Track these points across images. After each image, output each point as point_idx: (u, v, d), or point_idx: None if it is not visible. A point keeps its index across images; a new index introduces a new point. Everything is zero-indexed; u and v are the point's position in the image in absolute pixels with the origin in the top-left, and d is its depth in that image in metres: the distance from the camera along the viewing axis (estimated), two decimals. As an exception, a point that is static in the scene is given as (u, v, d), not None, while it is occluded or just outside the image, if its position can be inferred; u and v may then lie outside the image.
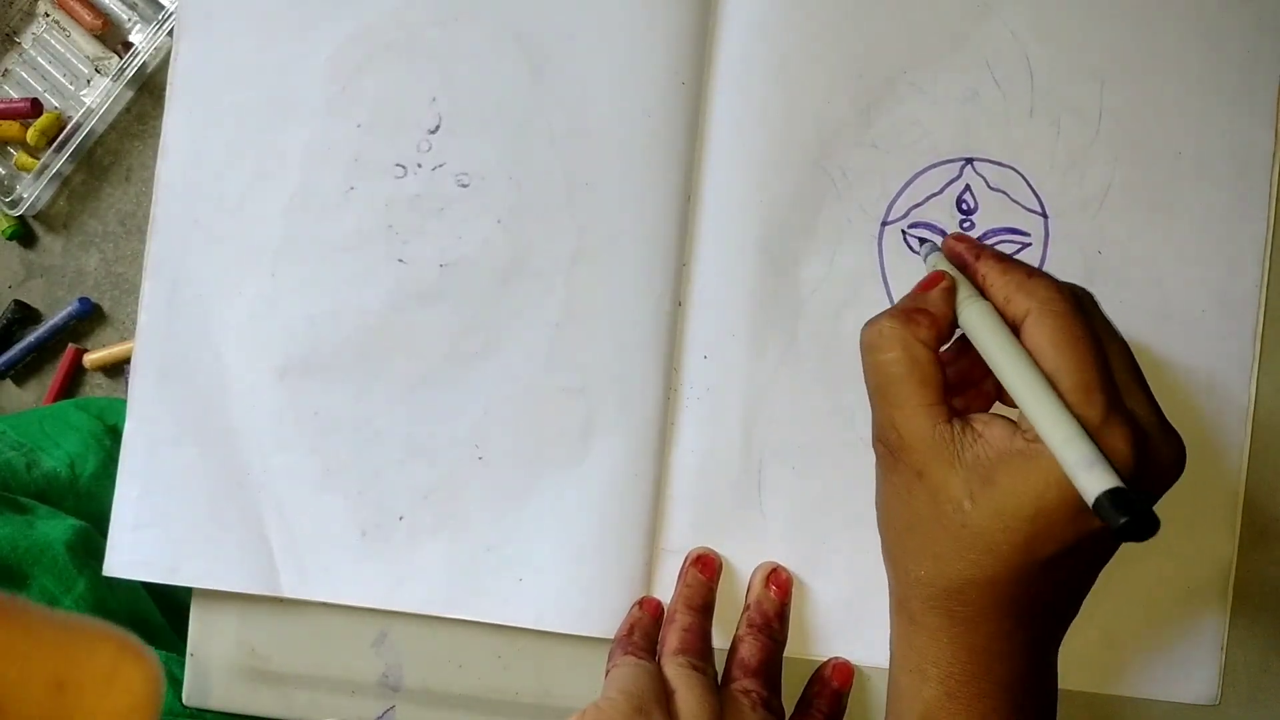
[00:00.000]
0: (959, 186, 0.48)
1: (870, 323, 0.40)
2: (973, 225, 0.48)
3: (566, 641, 0.50)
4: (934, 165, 0.48)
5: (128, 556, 0.50)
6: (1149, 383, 0.38)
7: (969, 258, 0.41)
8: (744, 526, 0.49)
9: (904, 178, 0.49)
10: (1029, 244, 0.48)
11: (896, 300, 0.48)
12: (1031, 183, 0.48)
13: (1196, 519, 0.49)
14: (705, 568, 0.48)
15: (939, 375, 0.39)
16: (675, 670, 0.44)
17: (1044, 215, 0.48)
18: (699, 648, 0.46)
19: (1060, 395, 0.36)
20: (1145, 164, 0.48)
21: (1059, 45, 0.48)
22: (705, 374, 0.49)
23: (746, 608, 0.48)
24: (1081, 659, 0.48)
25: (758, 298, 0.49)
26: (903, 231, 0.49)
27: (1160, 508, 0.34)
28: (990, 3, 0.48)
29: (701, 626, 0.47)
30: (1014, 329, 0.38)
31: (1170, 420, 0.38)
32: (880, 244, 0.49)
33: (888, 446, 0.40)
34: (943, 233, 0.48)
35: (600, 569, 0.49)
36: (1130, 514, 0.32)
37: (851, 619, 0.49)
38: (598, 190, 0.49)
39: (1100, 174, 0.48)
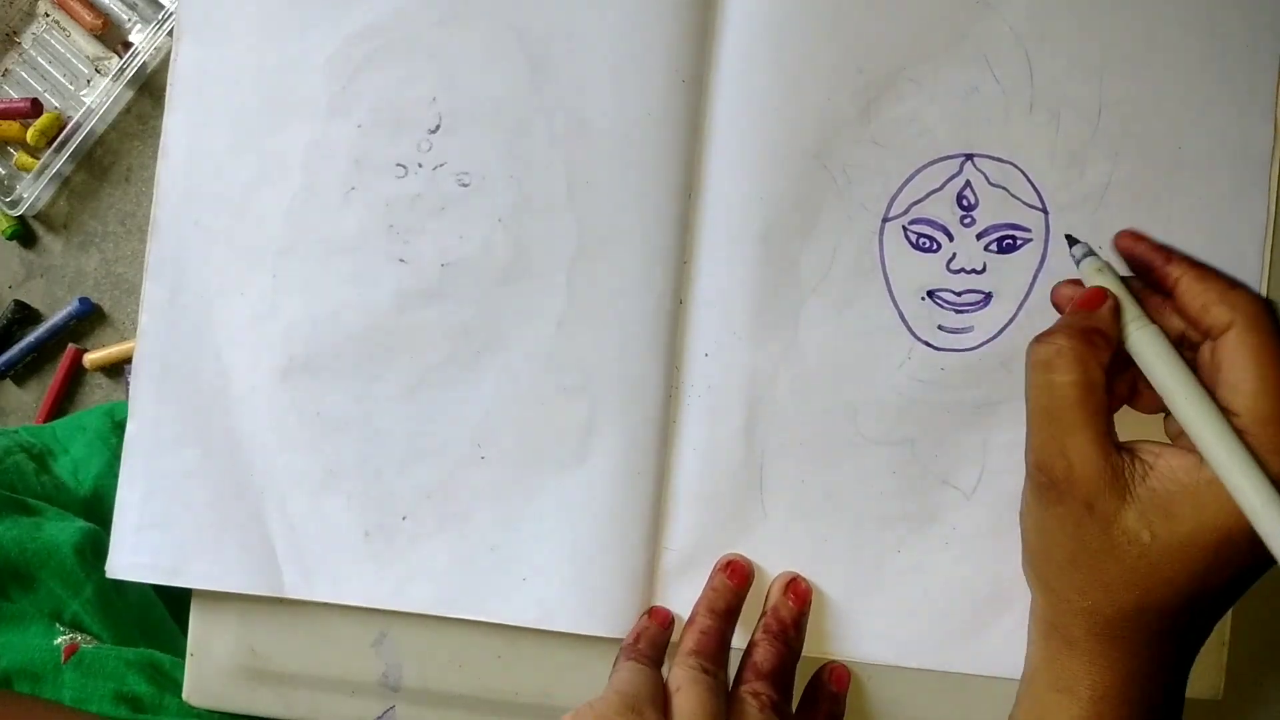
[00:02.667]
0: (959, 182, 0.48)
1: (1043, 338, 0.39)
2: (974, 221, 0.48)
3: (567, 642, 0.50)
4: (934, 161, 0.48)
5: (130, 558, 0.50)
6: None
7: (1157, 260, 0.39)
8: (746, 524, 0.49)
9: (904, 174, 0.48)
10: (1030, 239, 0.48)
11: (897, 294, 0.48)
12: (1032, 178, 0.48)
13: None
14: (734, 574, 0.48)
15: (1108, 404, 0.38)
16: (684, 671, 0.44)
17: (1044, 211, 0.48)
18: (713, 652, 0.45)
19: (1247, 425, 0.35)
20: (1145, 159, 0.48)
21: (1058, 41, 0.48)
22: (707, 372, 0.49)
23: (763, 614, 0.48)
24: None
25: (759, 295, 0.49)
26: (903, 227, 0.48)
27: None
28: (990, -1, 0.48)
29: (720, 631, 0.47)
30: (1201, 338, 0.37)
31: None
32: (881, 240, 0.49)
33: (1050, 476, 0.38)
34: (945, 230, 0.48)
35: (603, 568, 0.49)
36: None
37: (852, 617, 0.49)
38: (599, 189, 0.49)
39: (1100, 169, 0.48)
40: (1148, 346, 0.38)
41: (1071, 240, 0.44)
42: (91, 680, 0.55)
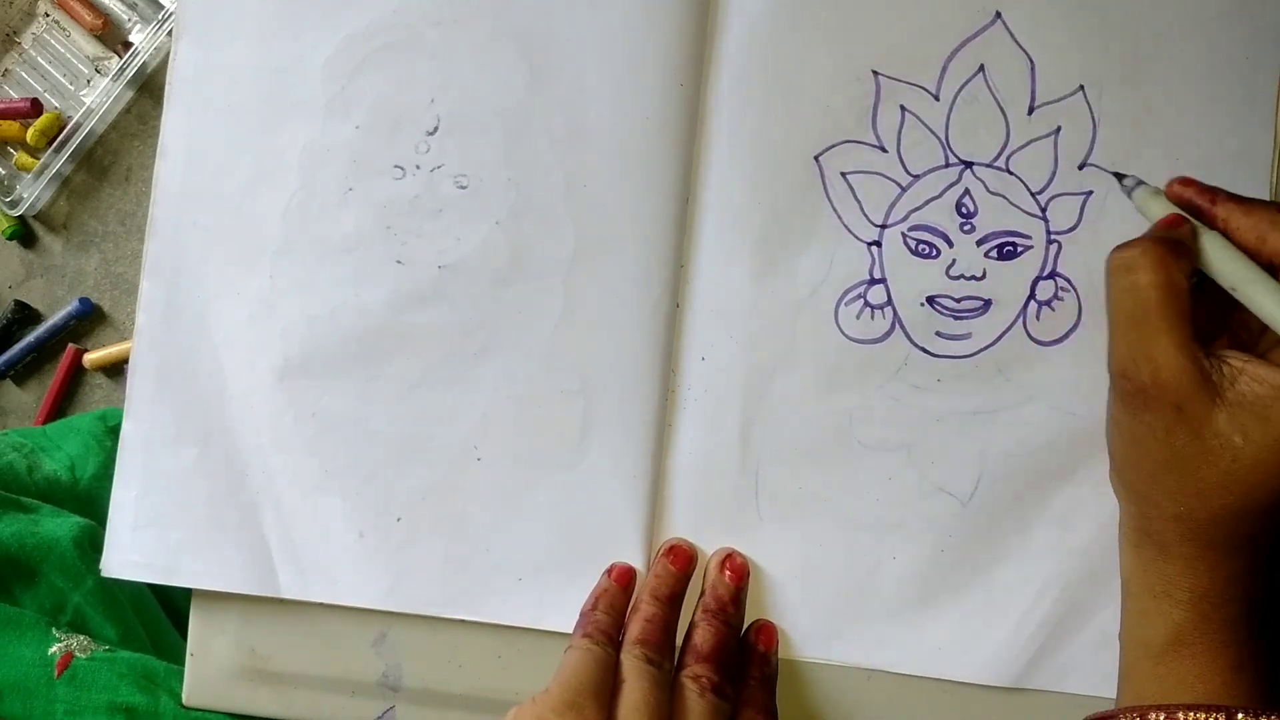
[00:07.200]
0: (958, 190, 0.48)
1: (1123, 245, 0.39)
2: (973, 228, 0.48)
3: (565, 642, 0.50)
4: (933, 169, 0.48)
5: (126, 557, 0.50)
6: None
7: (1203, 202, 0.40)
8: (741, 528, 0.49)
9: (903, 181, 0.49)
10: (1030, 247, 0.48)
11: (896, 300, 0.48)
12: (1031, 186, 0.48)
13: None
14: (676, 558, 0.48)
15: (1190, 310, 0.38)
16: (630, 662, 0.44)
17: (1044, 219, 0.48)
18: (658, 641, 0.45)
19: None
20: (1144, 168, 0.48)
21: (1058, 49, 0.48)
22: (703, 375, 0.49)
23: (702, 594, 0.48)
24: (1079, 661, 0.48)
25: (756, 300, 0.49)
26: (903, 234, 0.49)
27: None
28: (990, 6, 0.48)
29: (665, 618, 0.46)
30: (1272, 270, 0.37)
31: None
32: (880, 247, 0.49)
33: (1136, 382, 0.38)
34: (944, 236, 0.48)
35: (598, 569, 0.49)
36: None
37: (847, 623, 0.49)
38: (596, 192, 0.49)
39: (1100, 178, 0.48)
40: (1216, 248, 0.38)
41: (1120, 176, 0.44)
42: (84, 693, 0.55)
